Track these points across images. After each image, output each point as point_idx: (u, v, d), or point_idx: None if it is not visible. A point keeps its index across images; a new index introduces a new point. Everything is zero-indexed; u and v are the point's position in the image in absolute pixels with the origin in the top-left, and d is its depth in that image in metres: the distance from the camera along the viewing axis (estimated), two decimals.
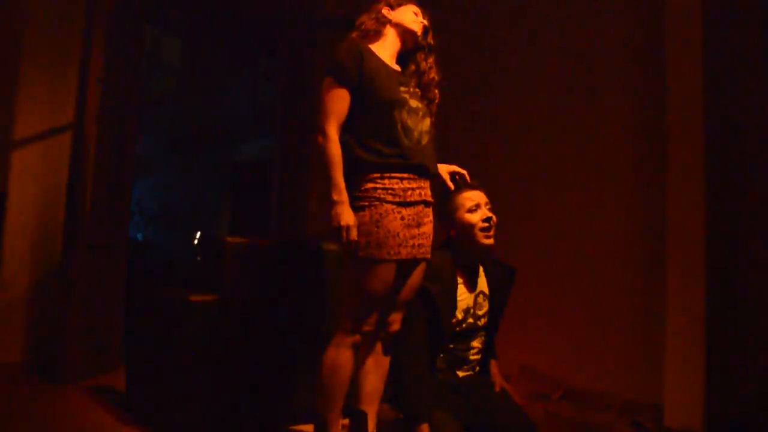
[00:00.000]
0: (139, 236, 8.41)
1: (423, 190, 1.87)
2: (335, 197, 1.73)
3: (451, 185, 2.09)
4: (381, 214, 1.76)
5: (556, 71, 3.40)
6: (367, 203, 1.77)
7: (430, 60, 2.02)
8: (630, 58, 3.08)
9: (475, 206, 2.03)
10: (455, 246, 2.07)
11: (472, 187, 2.07)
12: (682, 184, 2.60)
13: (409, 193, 1.81)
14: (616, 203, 3.09)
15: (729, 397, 2.46)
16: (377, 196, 1.77)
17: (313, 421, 1.90)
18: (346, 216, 1.72)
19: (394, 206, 1.78)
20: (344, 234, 1.71)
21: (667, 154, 2.67)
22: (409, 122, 1.83)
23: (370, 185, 1.78)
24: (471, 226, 2.01)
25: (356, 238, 1.72)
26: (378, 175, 1.78)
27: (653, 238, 2.85)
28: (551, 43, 3.43)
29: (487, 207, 2.05)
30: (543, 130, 3.45)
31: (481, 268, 2.12)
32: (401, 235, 1.78)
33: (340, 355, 1.83)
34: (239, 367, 2.30)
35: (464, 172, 2.13)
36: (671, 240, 2.62)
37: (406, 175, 1.81)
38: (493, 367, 2.18)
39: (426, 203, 1.89)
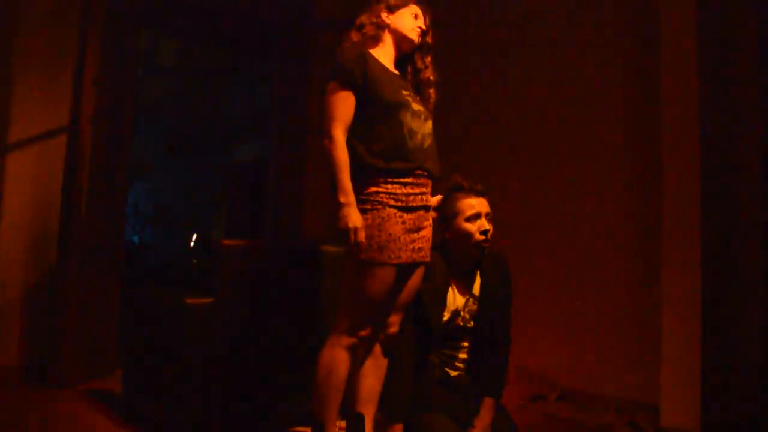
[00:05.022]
0: (136, 239, 8.39)
1: (424, 195, 1.87)
2: (342, 199, 1.72)
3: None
4: (383, 218, 1.77)
5: (553, 71, 3.41)
6: (369, 206, 1.77)
7: (427, 60, 2.01)
8: (628, 57, 3.10)
9: (475, 215, 1.97)
10: (449, 249, 2.04)
11: (477, 194, 2.01)
12: (678, 187, 2.61)
13: (412, 198, 1.82)
14: (612, 206, 3.10)
15: (725, 398, 2.46)
16: (380, 200, 1.78)
17: (310, 424, 1.89)
18: (354, 218, 1.71)
19: (396, 211, 1.79)
20: (352, 236, 1.70)
21: (662, 161, 2.68)
22: (414, 125, 1.84)
23: (373, 189, 1.78)
24: (467, 236, 1.97)
25: (364, 240, 1.72)
26: (382, 179, 1.79)
27: (649, 239, 2.85)
28: (549, 45, 3.44)
29: (488, 218, 1.99)
30: (540, 129, 3.46)
31: (477, 272, 2.09)
32: (402, 239, 1.79)
33: (335, 356, 1.82)
34: (236, 370, 2.30)
35: None
36: (667, 242, 2.62)
37: (410, 180, 1.82)
38: (485, 408, 1.96)
39: (426, 208, 1.89)
